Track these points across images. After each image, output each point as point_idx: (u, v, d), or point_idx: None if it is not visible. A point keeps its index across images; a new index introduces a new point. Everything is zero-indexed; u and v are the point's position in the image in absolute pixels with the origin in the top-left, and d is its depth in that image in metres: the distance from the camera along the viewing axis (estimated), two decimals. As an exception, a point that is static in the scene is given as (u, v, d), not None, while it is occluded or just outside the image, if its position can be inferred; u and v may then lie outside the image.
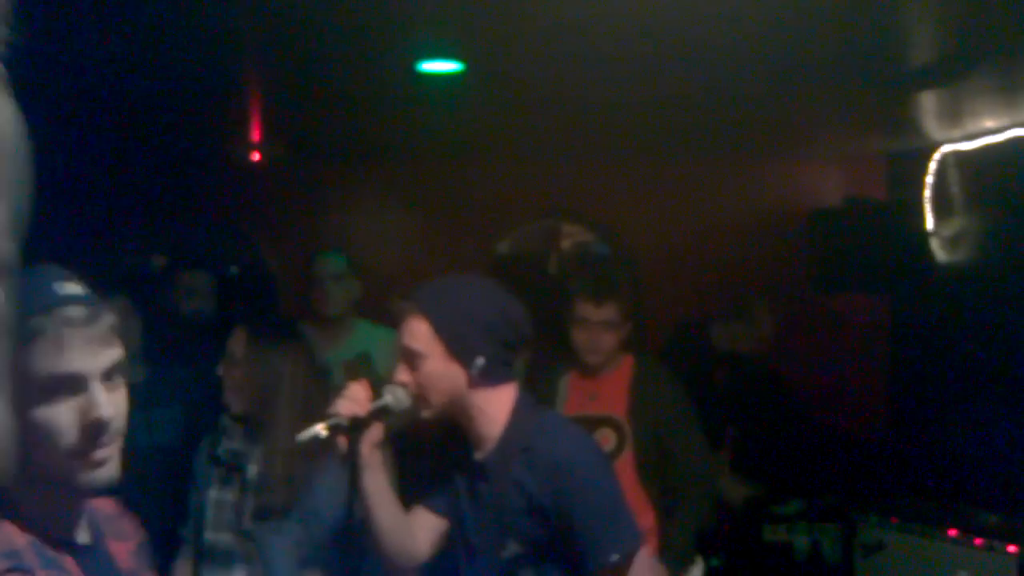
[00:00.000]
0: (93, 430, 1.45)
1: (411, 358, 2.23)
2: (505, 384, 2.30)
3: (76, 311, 1.45)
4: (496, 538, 2.24)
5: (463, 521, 2.32)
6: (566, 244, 8.25)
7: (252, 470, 2.95)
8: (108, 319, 1.49)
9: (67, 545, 1.48)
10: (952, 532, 3.99)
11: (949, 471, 4.94)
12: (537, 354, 4.61)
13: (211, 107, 4.81)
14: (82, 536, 1.51)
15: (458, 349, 2.20)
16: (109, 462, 1.49)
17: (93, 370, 1.45)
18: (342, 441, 2.16)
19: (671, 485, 3.54)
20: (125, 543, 1.56)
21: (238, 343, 2.97)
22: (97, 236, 5.89)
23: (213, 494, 3.00)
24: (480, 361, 2.20)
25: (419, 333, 2.21)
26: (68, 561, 1.46)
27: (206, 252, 6.11)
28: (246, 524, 2.93)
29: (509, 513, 2.23)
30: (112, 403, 1.48)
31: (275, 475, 2.85)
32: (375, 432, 2.20)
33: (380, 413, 2.20)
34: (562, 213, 6.83)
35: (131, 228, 6.26)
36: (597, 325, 3.58)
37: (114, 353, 1.50)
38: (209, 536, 2.97)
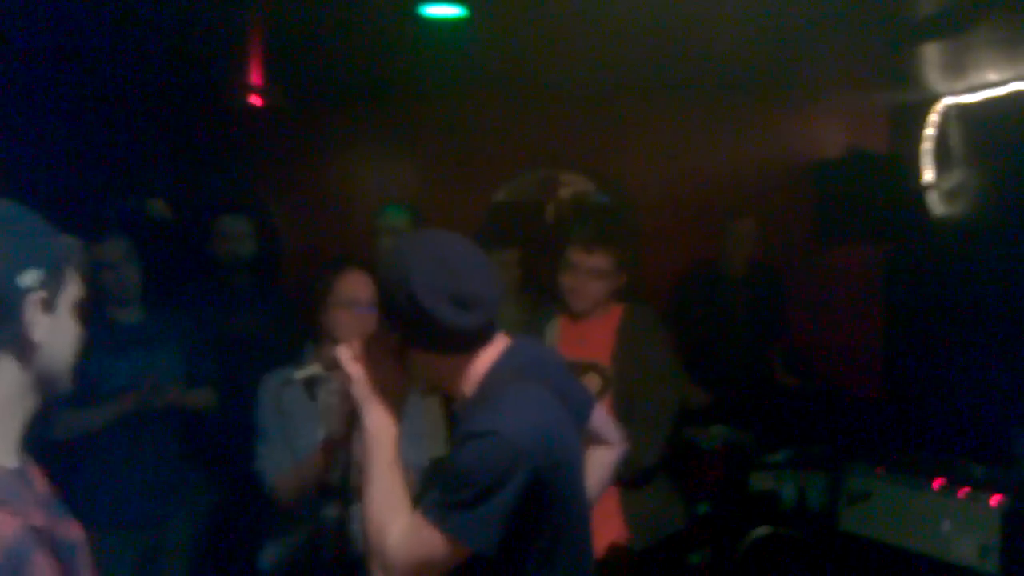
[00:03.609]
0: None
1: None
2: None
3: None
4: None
5: None
6: (564, 193, 8.24)
7: None
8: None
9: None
10: (937, 483, 4.03)
11: (937, 423, 4.99)
12: (534, 302, 4.64)
13: (212, 50, 4.80)
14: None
15: (388, 318, 2.05)
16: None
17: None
18: (340, 375, 2.15)
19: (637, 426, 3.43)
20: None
21: (357, 284, 3.05)
22: (96, 178, 5.90)
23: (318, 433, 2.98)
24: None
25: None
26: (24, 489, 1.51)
27: (207, 197, 6.09)
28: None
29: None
30: None
31: None
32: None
33: None
34: (562, 162, 6.81)
35: (130, 171, 6.26)
36: (585, 272, 3.59)
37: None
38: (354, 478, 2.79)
